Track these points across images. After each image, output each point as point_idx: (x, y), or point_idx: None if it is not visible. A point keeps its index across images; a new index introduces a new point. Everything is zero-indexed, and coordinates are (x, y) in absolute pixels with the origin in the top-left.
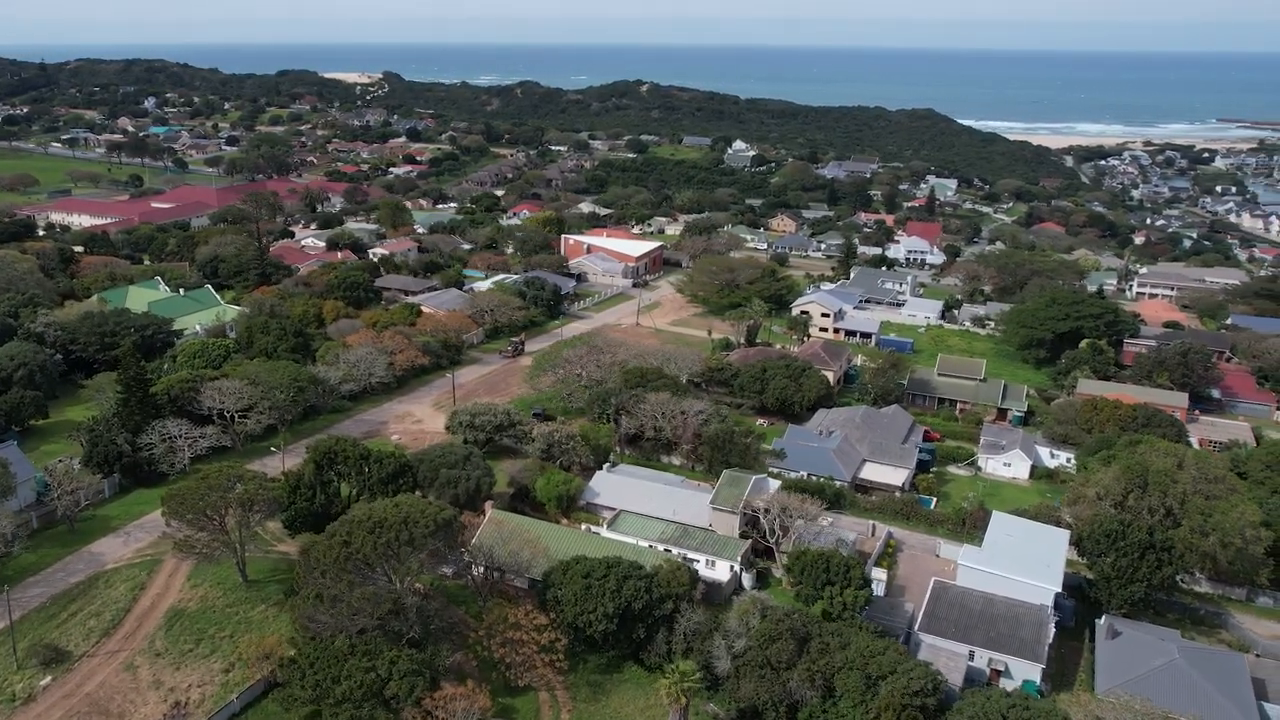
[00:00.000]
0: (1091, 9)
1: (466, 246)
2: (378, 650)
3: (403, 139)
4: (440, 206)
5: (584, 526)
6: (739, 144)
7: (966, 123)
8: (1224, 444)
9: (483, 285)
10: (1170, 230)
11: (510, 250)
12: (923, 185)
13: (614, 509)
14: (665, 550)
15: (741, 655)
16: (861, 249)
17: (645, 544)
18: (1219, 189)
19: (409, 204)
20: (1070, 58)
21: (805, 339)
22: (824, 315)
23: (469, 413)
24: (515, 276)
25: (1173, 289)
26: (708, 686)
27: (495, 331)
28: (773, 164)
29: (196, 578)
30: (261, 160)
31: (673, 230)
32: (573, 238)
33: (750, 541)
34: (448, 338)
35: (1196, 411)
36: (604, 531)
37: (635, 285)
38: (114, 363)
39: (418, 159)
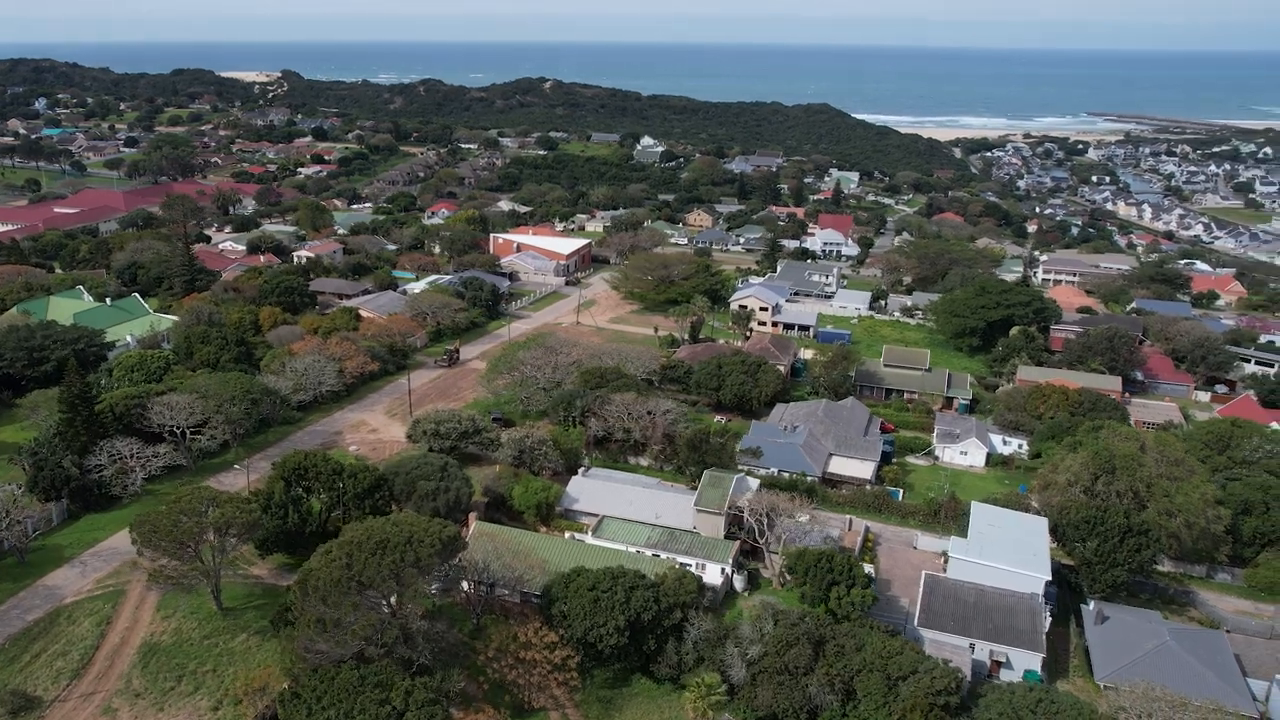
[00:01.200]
0: (972, 8)
1: (391, 247)
2: (389, 680)
3: (309, 138)
4: (355, 207)
5: (567, 534)
6: (647, 140)
7: (860, 117)
8: (1160, 425)
9: (416, 286)
10: (1058, 219)
11: (438, 250)
12: (827, 178)
13: (594, 514)
14: (653, 555)
15: (757, 662)
16: (779, 242)
17: (632, 550)
18: (1094, 179)
19: (324, 204)
20: (953, 54)
21: (749, 334)
22: (762, 309)
23: (432, 420)
24: (448, 277)
25: (1075, 275)
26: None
27: (438, 334)
28: (681, 159)
29: (166, 608)
30: (165, 162)
31: (593, 227)
32: (501, 236)
33: (738, 543)
34: (394, 342)
35: (1127, 394)
36: (588, 539)
37: (568, 283)
38: (45, 379)
39: (326, 158)
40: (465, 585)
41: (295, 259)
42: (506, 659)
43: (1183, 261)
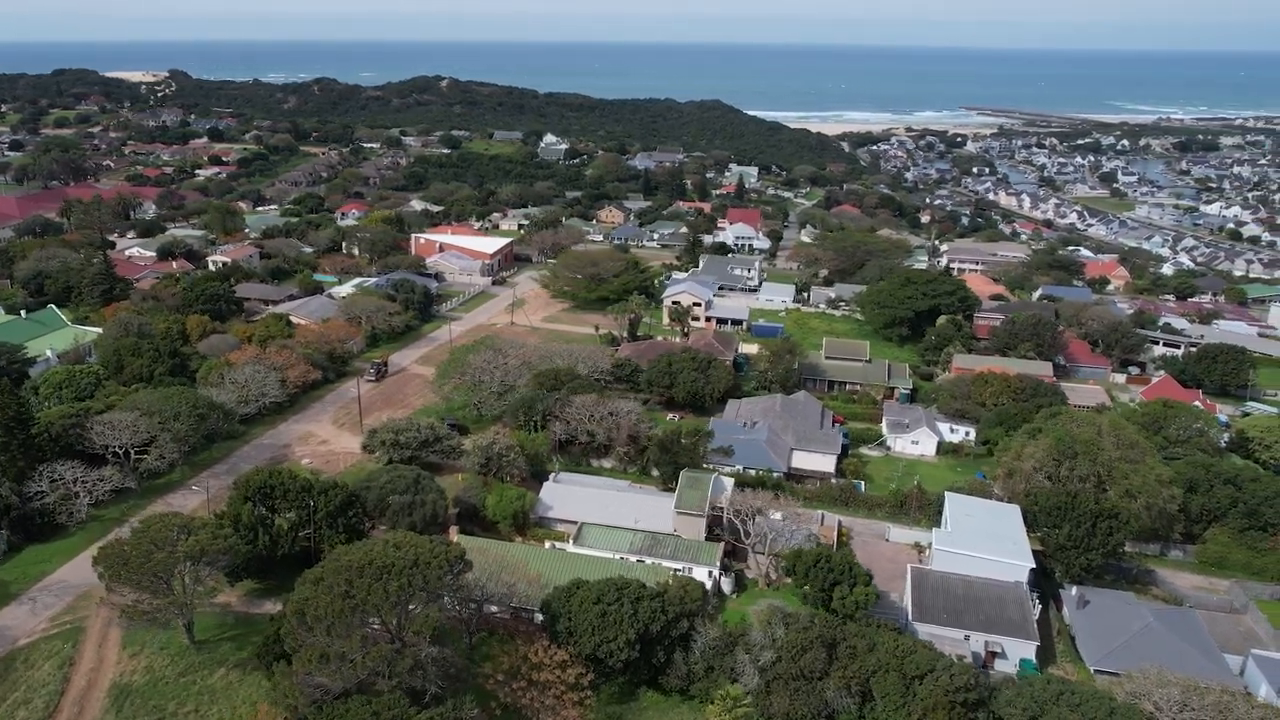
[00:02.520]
0: (847, 6)
1: (308, 250)
2: (404, 714)
3: (204, 139)
4: (260, 209)
5: (548, 544)
6: (550, 137)
7: (752, 113)
8: (1093, 408)
9: (341, 290)
10: (948, 209)
11: (357, 252)
12: (727, 173)
13: (570, 522)
14: (638, 561)
15: (770, 668)
16: (699, 237)
17: (616, 556)
18: (975, 170)
19: (233, 207)
20: (834, 51)
21: (686, 330)
22: (695, 304)
23: (390, 430)
24: (373, 279)
25: (977, 263)
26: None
27: (374, 339)
28: (585, 156)
29: (132, 644)
30: (55, 165)
31: (506, 225)
32: (423, 236)
33: (723, 544)
34: (333, 348)
35: (1055, 379)
36: (570, 547)
37: (495, 283)
38: None
39: (224, 160)
40: (451, 603)
41: (210, 264)
42: (518, 681)
43: (1069, 249)
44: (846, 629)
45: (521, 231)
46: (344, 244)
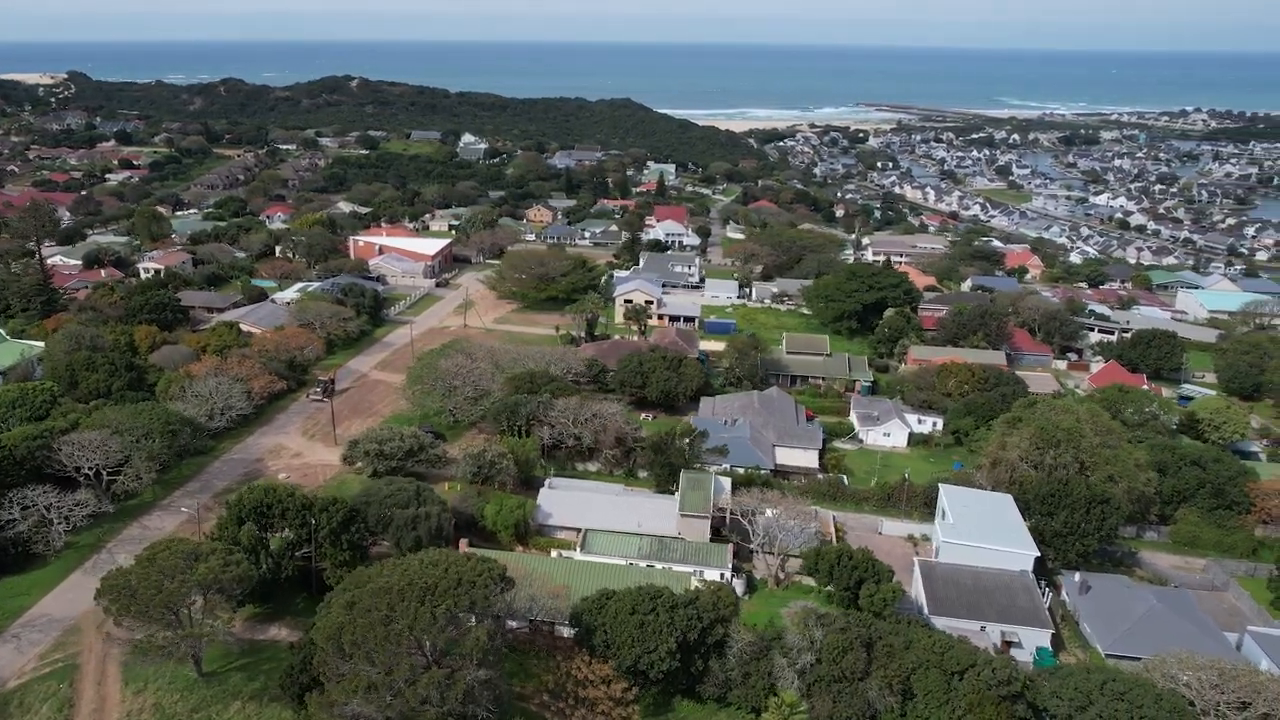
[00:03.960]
0: (746, 5)
1: (241, 255)
2: None
3: (112, 143)
4: (180, 213)
5: (554, 553)
6: (468, 137)
7: (663, 111)
8: (1050, 395)
9: (285, 296)
10: (860, 203)
11: (295, 256)
12: (646, 171)
13: (570, 529)
14: (647, 566)
15: (811, 671)
16: (638, 235)
17: (626, 562)
18: (879, 165)
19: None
20: (736, 50)
21: (643, 328)
22: (647, 302)
23: (374, 440)
24: (318, 284)
25: (901, 256)
26: (769, 710)
27: (329, 345)
28: (505, 155)
29: (135, 681)
30: None
31: (436, 226)
32: (361, 239)
33: (732, 546)
34: (293, 356)
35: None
36: (577, 555)
37: (438, 285)
38: None
39: (135, 163)
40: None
41: (141, 272)
42: (564, 700)
43: (983, 239)
44: (881, 627)
45: (453, 232)
46: (279, 248)
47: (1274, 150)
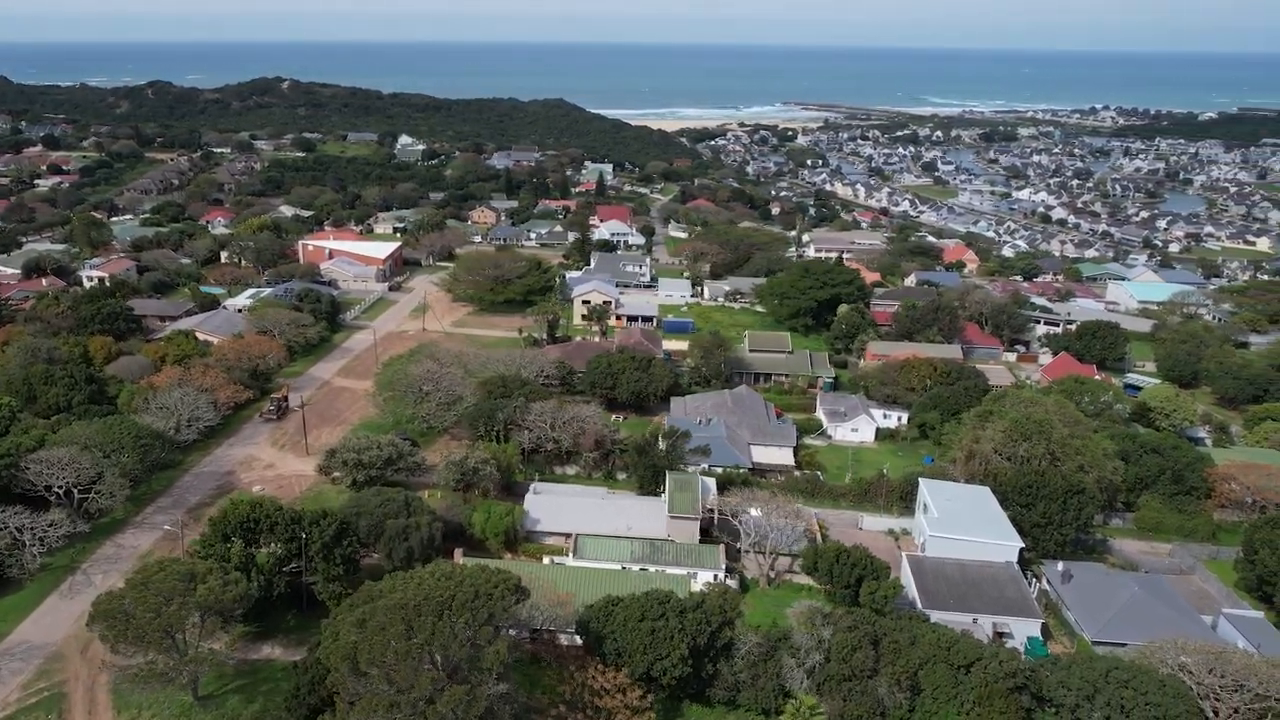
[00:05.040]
0: (664, 5)
1: (186, 261)
2: None
3: (39, 147)
4: (115, 219)
5: (545, 559)
6: (405, 138)
7: (595, 111)
8: (1009, 387)
9: (236, 302)
10: (794, 201)
11: (244, 261)
12: (584, 170)
13: (558, 534)
14: (640, 570)
15: (820, 670)
16: (589, 235)
17: (618, 567)
18: (809, 163)
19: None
20: (659, 50)
21: (604, 329)
22: (605, 303)
23: (352, 449)
24: (271, 290)
25: (841, 253)
26: (778, 711)
27: (291, 352)
28: (443, 157)
29: (128, 709)
30: None
31: (381, 229)
32: (310, 243)
33: (723, 546)
34: (255, 365)
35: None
36: (569, 561)
37: (391, 289)
38: None
39: (65, 168)
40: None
41: (85, 281)
42: (584, 710)
43: (919, 235)
44: (885, 624)
45: (398, 235)
46: (224, 253)
47: (1178, 146)
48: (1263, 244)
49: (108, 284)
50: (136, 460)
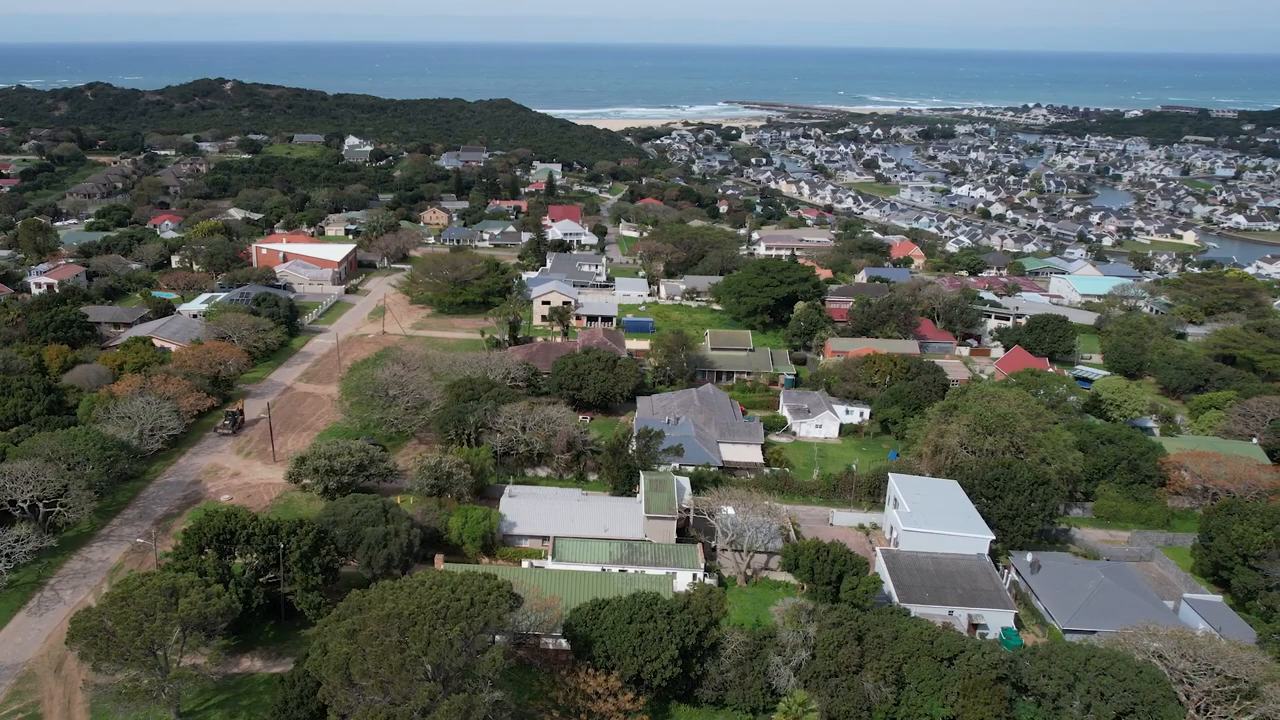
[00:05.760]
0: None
1: (136, 266)
2: None
3: None
4: (59, 224)
5: (525, 563)
6: (353, 139)
7: (541, 111)
8: (966, 381)
9: (191, 307)
10: (741, 198)
11: (196, 266)
12: (533, 170)
13: (535, 537)
14: (620, 571)
15: (806, 667)
16: (523, 235)
17: (598, 568)
18: (754, 161)
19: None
20: (605, 50)
21: (566, 329)
22: (565, 303)
23: (322, 456)
24: (225, 295)
25: (791, 249)
26: (766, 709)
27: (252, 357)
28: (391, 157)
29: None
30: None
31: (332, 231)
32: (264, 246)
33: (700, 545)
34: (217, 371)
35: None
36: (549, 564)
37: (347, 292)
38: None
39: (4, 172)
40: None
41: (34, 287)
42: (577, 716)
43: (865, 232)
44: (868, 619)
45: (350, 237)
46: (175, 258)
47: (1106, 143)
48: (1189, 237)
49: (58, 291)
50: (102, 472)
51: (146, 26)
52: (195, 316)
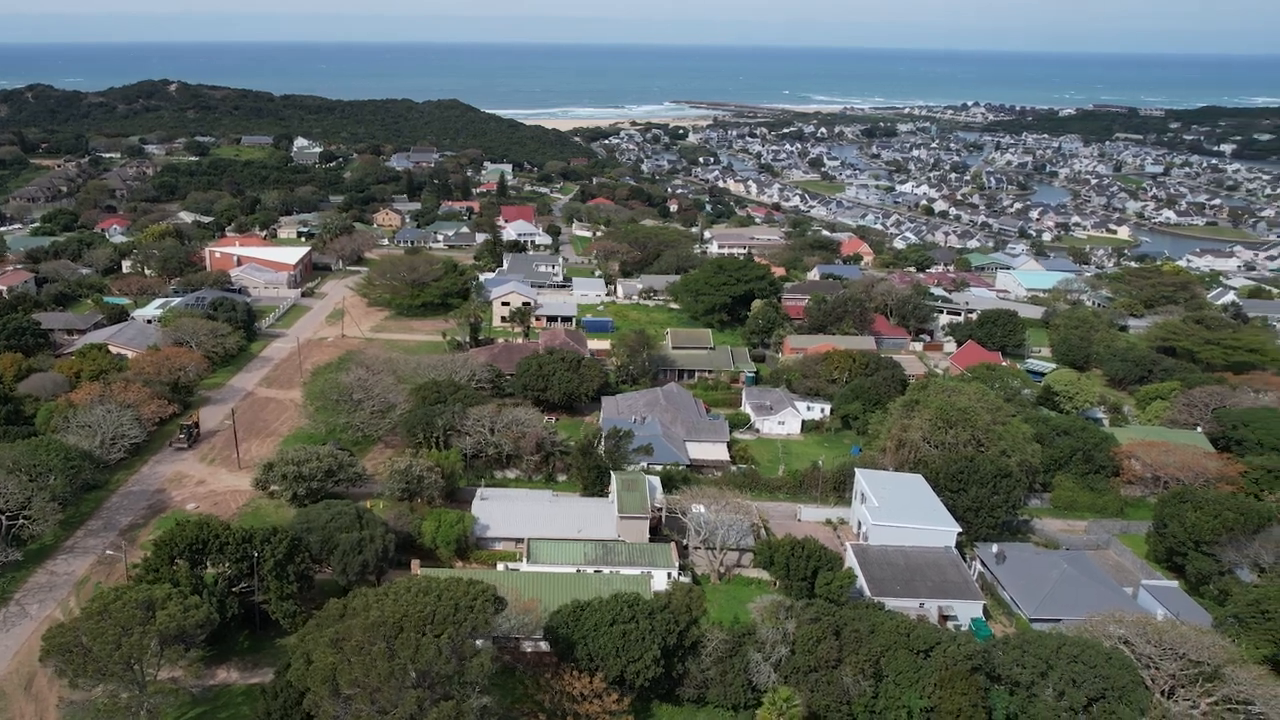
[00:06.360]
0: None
1: (86, 271)
2: None
3: None
4: (3, 228)
5: (500, 565)
6: (302, 141)
7: (490, 111)
8: (923, 375)
9: (145, 312)
10: (690, 197)
11: (148, 271)
12: (484, 171)
13: (508, 539)
14: (595, 571)
15: (786, 663)
16: (477, 236)
17: (573, 569)
18: (702, 160)
19: None
20: (543, 50)
21: (527, 330)
22: (525, 304)
23: (291, 462)
24: (181, 300)
25: (744, 248)
26: (747, 706)
27: (211, 362)
28: (341, 159)
29: None
30: None
31: (284, 233)
32: (218, 250)
33: (674, 545)
34: (177, 377)
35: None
36: (524, 566)
37: (304, 295)
38: None
39: None
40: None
41: None
42: (564, 718)
43: (811, 230)
44: (845, 614)
45: (302, 239)
46: (126, 262)
47: (1043, 141)
48: (1123, 232)
49: (7, 297)
50: (66, 482)
51: (89, 27)
52: (150, 322)
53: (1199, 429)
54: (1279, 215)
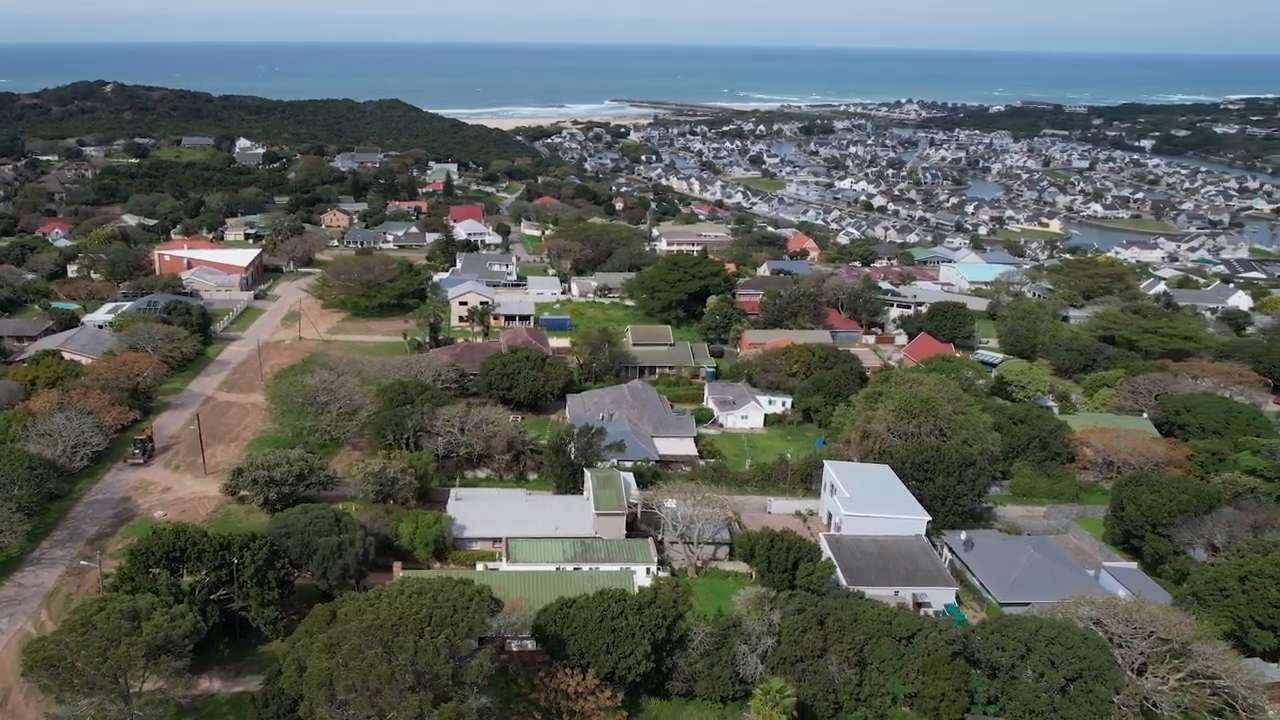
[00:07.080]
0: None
1: (30, 276)
2: None
3: None
4: None
5: (480, 565)
6: (244, 141)
7: (432, 110)
8: (879, 368)
9: (96, 318)
10: (635, 195)
11: (96, 275)
12: (430, 170)
13: (485, 539)
14: (575, 569)
15: (774, 653)
16: (427, 235)
17: (553, 568)
18: (644, 158)
19: None
20: (485, 49)
21: (486, 330)
22: (482, 303)
23: (261, 466)
24: (131, 304)
25: (692, 245)
26: (735, 698)
27: (168, 367)
28: (285, 160)
29: None
30: None
31: (231, 235)
32: (167, 253)
33: (652, 540)
34: (136, 383)
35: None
36: (504, 566)
37: (257, 297)
38: None
39: None
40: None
41: None
42: (560, 716)
43: (756, 227)
44: (828, 604)
45: (249, 241)
46: (72, 267)
47: (974, 137)
48: (1054, 225)
49: None
50: (31, 492)
51: (11, 27)
52: (102, 327)
53: (1144, 415)
54: (1197, 208)
